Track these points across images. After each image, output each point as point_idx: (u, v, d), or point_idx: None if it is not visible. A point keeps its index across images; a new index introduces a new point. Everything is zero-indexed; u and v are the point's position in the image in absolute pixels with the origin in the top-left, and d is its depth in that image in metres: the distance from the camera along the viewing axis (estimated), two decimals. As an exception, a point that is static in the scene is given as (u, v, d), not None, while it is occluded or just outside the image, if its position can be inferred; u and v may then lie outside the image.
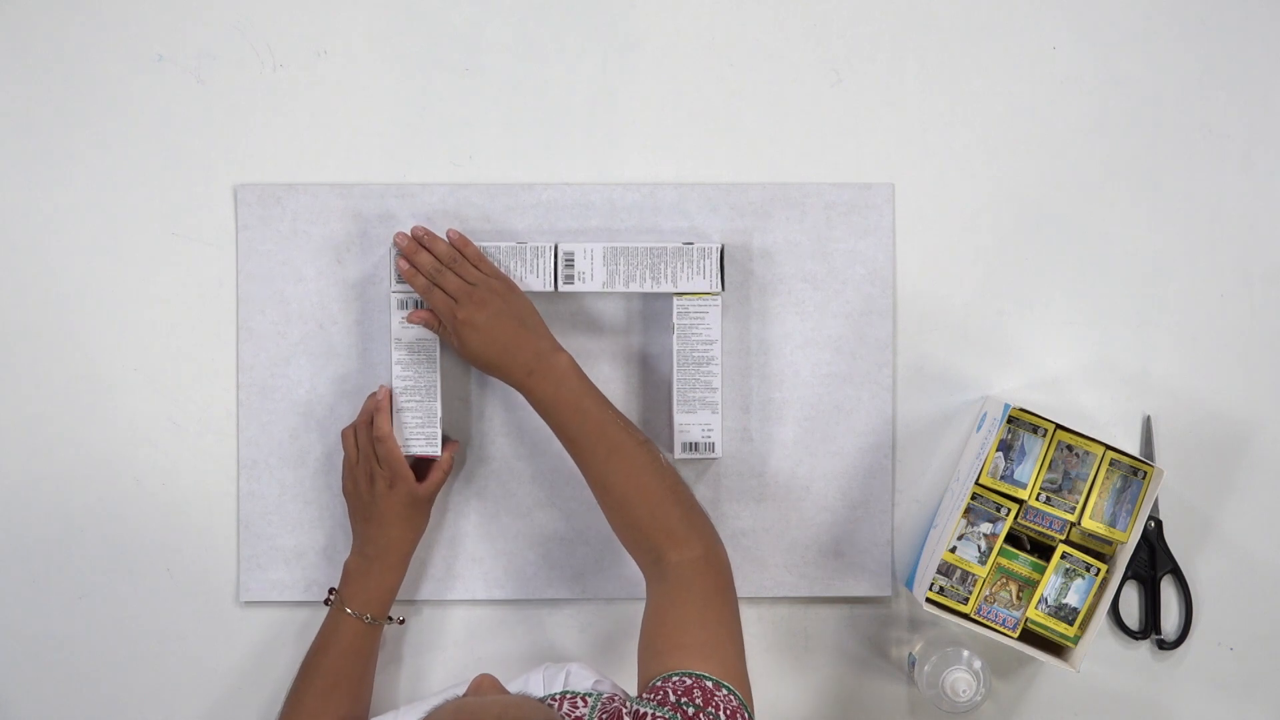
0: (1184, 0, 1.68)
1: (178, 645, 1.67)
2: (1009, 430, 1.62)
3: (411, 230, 1.61)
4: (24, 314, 1.66)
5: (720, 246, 1.62)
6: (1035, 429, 1.62)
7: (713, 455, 1.62)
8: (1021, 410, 1.60)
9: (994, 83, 1.68)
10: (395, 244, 1.60)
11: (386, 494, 1.58)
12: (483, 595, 1.67)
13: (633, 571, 1.64)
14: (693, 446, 1.63)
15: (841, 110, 1.68)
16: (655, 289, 1.62)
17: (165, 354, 1.66)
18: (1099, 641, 1.68)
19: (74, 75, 1.65)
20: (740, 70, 1.67)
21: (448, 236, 1.60)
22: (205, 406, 1.66)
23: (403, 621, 1.64)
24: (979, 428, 1.65)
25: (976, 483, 1.60)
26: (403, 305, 1.61)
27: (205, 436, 1.66)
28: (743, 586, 1.64)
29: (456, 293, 1.56)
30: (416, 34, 1.66)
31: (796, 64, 1.68)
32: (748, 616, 1.64)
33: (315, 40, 1.66)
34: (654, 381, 1.66)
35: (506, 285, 1.58)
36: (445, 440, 1.63)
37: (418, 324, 1.59)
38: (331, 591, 1.60)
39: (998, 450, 1.61)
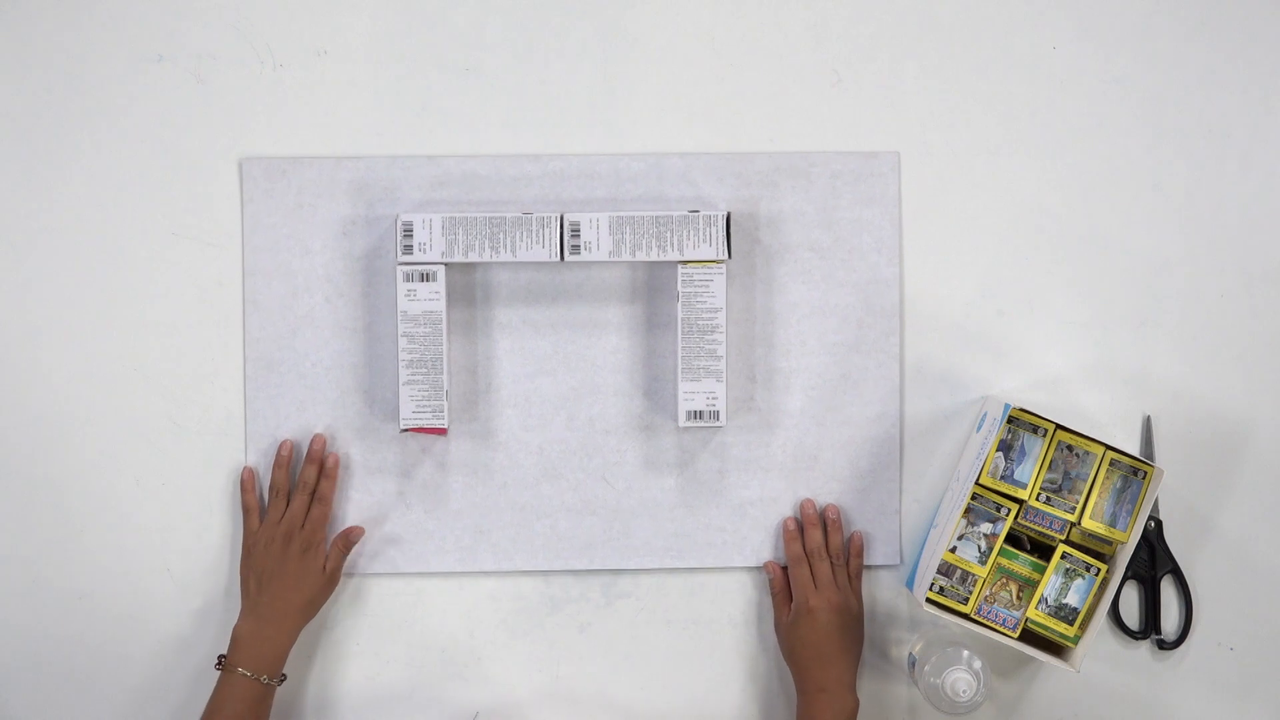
0: (1184, 0, 1.68)
1: (178, 644, 1.67)
2: (1009, 430, 1.62)
3: (803, 506, 1.64)
4: (24, 314, 1.66)
5: (726, 214, 1.62)
6: (1035, 429, 1.62)
7: (717, 424, 1.63)
8: (1021, 410, 1.60)
9: (994, 83, 1.68)
10: (803, 508, 1.64)
11: (299, 557, 1.58)
12: (491, 567, 1.67)
13: (640, 541, 1.67)
14: (697, 415, 1.63)
15: (841, 110, 1.68)
16: (661, 258, 1.62)
17: (165, 354, 1.66)
18: (1099, 641, 1.68)
19: (74, 75, 1.65)
20: (740, 71, 1.67)
21: (851, 541, 1.64)
22: (206, 408, 1.66)
23: (284, 679, 1.59)
24: (979, 428, 1.65)
25: (976, 483, 1.60)
26: (408, 279, 1.61)
27: (205, 436, 1.66)
28: (750, 557, 1.67)
29: (824, 584, 1.61)
30: (417, 28, 1.66)
31: (797, 65, 1.68)
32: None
33: (315, 40, 1.66)
34: (660, 350, 1.67)
35: (860, 609, 1.63)
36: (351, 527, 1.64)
37: (768, 575, 1.64)
38: (221, 659, 1.56)
39: (998, 450, 1.61)
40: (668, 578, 1.69)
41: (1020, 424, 1.62)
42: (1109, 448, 1.61)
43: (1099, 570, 1.60)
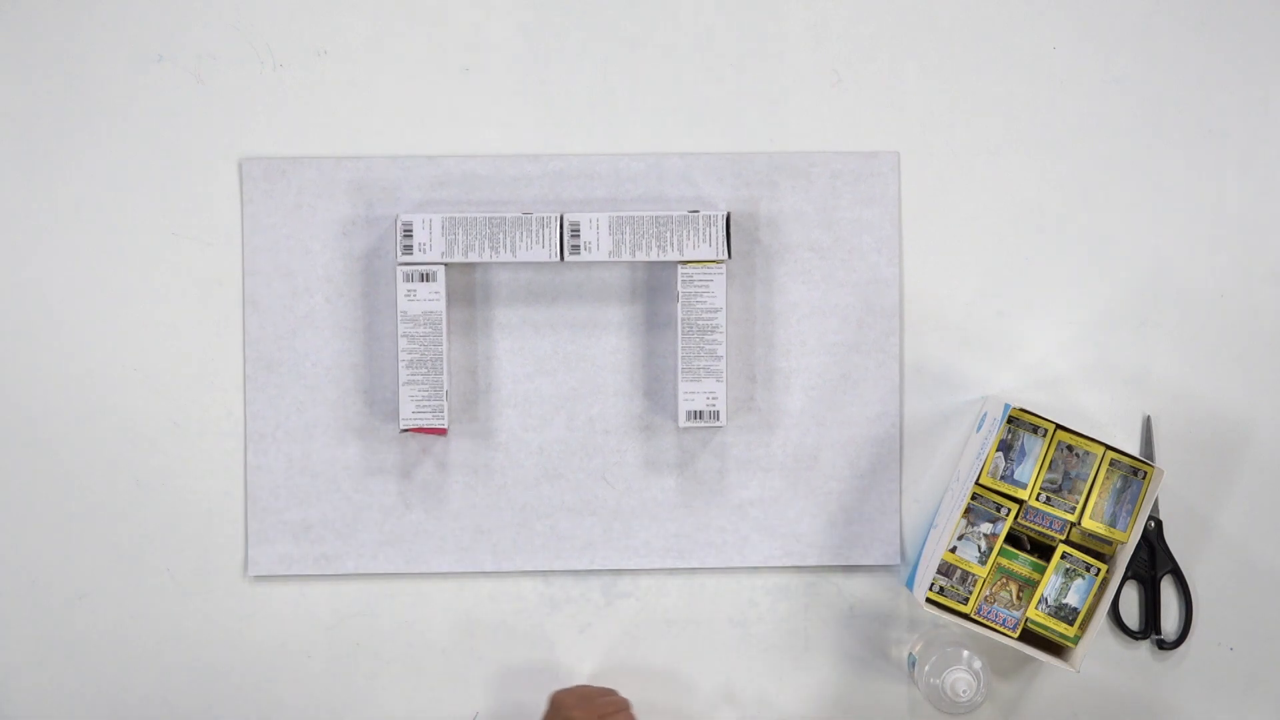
0: (1184, 0, 1.68)
1: (178, 644, 1.67)
2: (1009, 430, 1.62)
3: None
4: (24, 314, 1.66)
5: (726, 214, 1.62)
6: (1035, 429, 1.62)
7: (717, 424, 1.63)
8: (1021, 410, 1.60)
9: (994, 83, 1.68)
10: None
11: None
12: (491, 567, 1.67)
13: (640, 541, 1.66)
14: (697, 415, 1.63)
15: (841, 110, 1.68)
16: (661, 258, 1.62)
17: (166, 354, 1.66)
18: (1099, 641, 1.68)
19: (74, 75, 1.65)
20: (740, 71, 1.67)
21: None
22: (206, 408, 1.66)
23: None
24: (979, 428, 1.65)
25: (976, 483, 1.60)
26: (408, 279, 1.61)
27: (205, 436, 1.66)
28: (750, 557, 1.67)
29: None
30: (417, 28, 1.66)
31: (797, 65, 1.68)
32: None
33: (315, 40, 1.66)
34: (660, 350, 1.67)
35: None
36: None
37: None
38: None
39: (998, 450, 1.61)
40: (668, 578, 1.69)
41: (1020, 424, 1.62)
42: (1109, 448, 1.61)
43: (1099, 570, 1.60)
